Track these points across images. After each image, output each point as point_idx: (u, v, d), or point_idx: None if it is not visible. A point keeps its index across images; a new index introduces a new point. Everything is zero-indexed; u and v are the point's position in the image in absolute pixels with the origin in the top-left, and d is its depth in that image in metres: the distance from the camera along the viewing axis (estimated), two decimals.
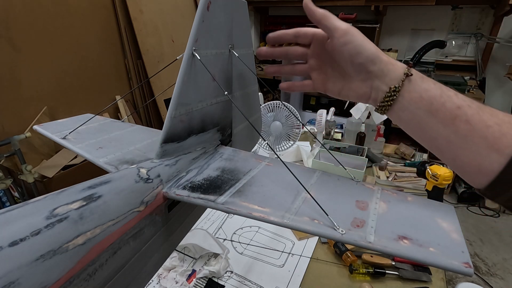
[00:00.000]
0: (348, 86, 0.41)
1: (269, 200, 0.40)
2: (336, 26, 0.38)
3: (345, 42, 0.37)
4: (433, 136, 0.35)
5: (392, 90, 0.36)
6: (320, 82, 0.45)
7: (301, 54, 0.45)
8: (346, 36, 0.37)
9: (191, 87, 0.47)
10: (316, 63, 0.44)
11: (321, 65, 0.44)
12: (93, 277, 0.30)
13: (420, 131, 0.37)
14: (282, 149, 1.37)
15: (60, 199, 0.30)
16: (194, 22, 0.45)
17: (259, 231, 1.00)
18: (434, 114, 0.34)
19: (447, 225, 0.36)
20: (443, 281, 0.81)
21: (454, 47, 2.66)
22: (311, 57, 0.45)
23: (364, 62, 0.37)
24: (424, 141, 0.37)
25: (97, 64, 2.18)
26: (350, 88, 0.41)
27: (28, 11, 1.72)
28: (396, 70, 0.36)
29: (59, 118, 0.67)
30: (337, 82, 0.43)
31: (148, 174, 0.41)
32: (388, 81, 0.36)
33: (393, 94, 0.36)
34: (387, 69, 0.37)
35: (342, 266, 0.86)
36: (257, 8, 3.33)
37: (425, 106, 0.34)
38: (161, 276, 0.82)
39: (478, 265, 2.03)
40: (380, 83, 0.37)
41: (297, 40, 0.44)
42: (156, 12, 2.41)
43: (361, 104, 1.45)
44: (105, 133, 0.61)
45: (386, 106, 0.37)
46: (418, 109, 0.35)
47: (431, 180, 1.01)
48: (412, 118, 0.36)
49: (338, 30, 0.37)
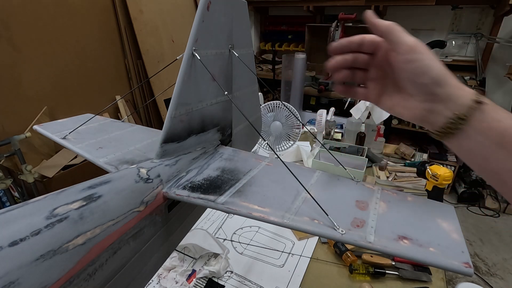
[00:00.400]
0: (403, 104, 0.38)
1: (269, 200, 0.40)
2: (402, 41, 0.35)
3: (410, 60, 0.35)
4: (500, 168, 0.32)
5: (458, 118, 0.33)
6: (375, 93, 0.43)
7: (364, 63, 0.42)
8: (412, 53, 0.35)
9: (191, 87, 0.47)
10: (376, 74, 0.42)
11: (381, 76, 0.42)
12: (93, 277, 0.30)
13: (484, 162, 0.34)
14: (282, 149, 1.37)
15: (60, 199, 0.30)
16: (194, 22, 0.45)
17: (259, 231, 1.00)
18: (505, 146, 0.31)
19: (447, 225, 0.36)
20: (443, 281, 0.81)
21: (454, 47, 2.66)
22: (373, 66, 0.42)
23: (428, 83, 0.34)
24: (486, 172, 0.34)
25: (97, 64, 2.18)
26: (405, 106, 0.38)
27: (28, 11, 1.72)
28: (464, 96, 0.33)
29: (59, 118, 0.67)
30: (393, 97, 0.40)
31: (148, 174, 0.41)
32: (454, 107, 0.33)
33: (459, 122, 0.33)
34: (455, 94, 0.33)
35: (342, 266, 0.86)
36: (257, 8, 3.33)
37: (495, 138, 0.31)
38: (161, 276, 0.82)
39: (478, 265, 2.03)
40: (444, 108, 0.34)
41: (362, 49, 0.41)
42: (156, 12, 2.41)
43: (361, 104, 1.45)
44: (105, 133, 0.61)
45: (448, 133, 0.34)
46: (486, 140, 0.32)
47: (431, 180, 1.01)
48: (476, 148, 0.33)
49: (404, 45, 0.35)
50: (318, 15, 3.10)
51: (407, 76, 0.36)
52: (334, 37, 2.66)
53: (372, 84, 0.43)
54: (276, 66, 3.04)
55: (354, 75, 0.44)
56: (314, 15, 3.09)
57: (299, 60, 2.28)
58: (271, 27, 3.47)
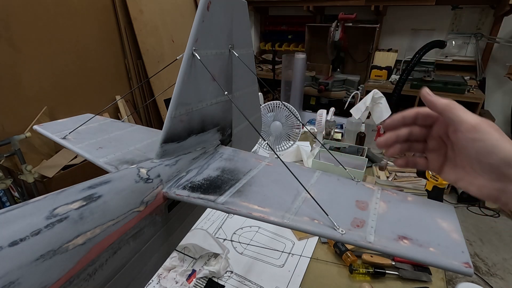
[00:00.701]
0: (469, 180, 0.36)
1: (269, 200, 0.40)
2: (463, 120, 0.33)
3: (474, 139, 0.33)
4: None
5: None
6: (436, 165, 0.41)
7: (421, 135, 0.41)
8: (475, 132, 0.33)
9: (191, 87, 0.47)
10: (436, 145, 0.40)
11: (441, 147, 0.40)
12: (93, 277, 0.30)
13: None
14: (282, 149, 1.37)
15: (60, 199, 0.30)
16: (194, 22, 0.45)
17: (259, 231, 1.00)
18: None
19: (447, 225, 0.36)
20: (443, 281, 0.81)
21: (454, 47, 2.66)
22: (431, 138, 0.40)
23: (497, 164, 0.32)
24: None
25: (97, 64, 2.18)
26: (472, 183, 0.36)
27: (28, 11, 1.72)
28: None
29: (59, 118, 0.67)
30: (457, 170, 0.38)
31: (148, 174, 0.41)
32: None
33: None
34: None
35: (342, 266, 0.86)
36: (257, 8, 3.33)
37: None
38: (161, 276, 0.82)
39: (478, 265, 2.03)
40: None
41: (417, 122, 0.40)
42: (156, 12, 2.41)
43: (361, 104, 1.45)
44: (105, 133, 0.61)
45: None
46: None
47: (431, 180, 1.01)
48: None
49: (466, 124, 0.33)
50: (318, 15, 3.10)
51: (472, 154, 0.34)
52: (334, 37, 2.66)
53: (433, 155, 0.41)
54: (276, 66, 3.04)
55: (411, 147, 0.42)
56: (314, 15, 3.09)
57: (299, 60, 2.28)
58: (271, 27, 3.47)
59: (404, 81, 2.24)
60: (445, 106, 0.35)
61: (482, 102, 2.28)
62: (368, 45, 2.89)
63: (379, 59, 2.73)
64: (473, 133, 0.33)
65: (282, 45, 3.33)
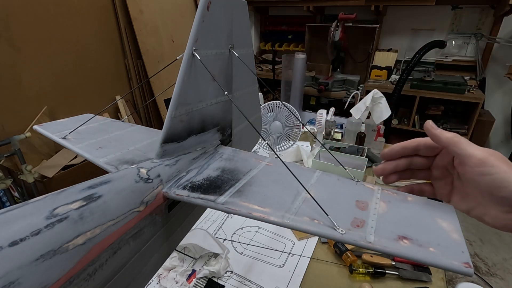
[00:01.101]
0: (482, 210, 0.35)
1: (269, 200, 0.40)
2: (470, 154, 0.33)
3: (482, 173, 0.32)
4: None
5: None
6: (444, 192, 0.40)
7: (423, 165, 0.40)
8: (483, 166, 0.32)
9: (191, 87, 0.47)
10: (440, 174, 0.39)
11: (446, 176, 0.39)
12: (93, 277, 0.30)
13: None
14: (282, 149, 1.37)
15: (60, 199, 0.30)
16: (194, 22, 0.45)
17: (259, 231, 1.00)
18: None
19: (447, 225, 0.36)
20: (443, 281, 0.81)
21: (454, 47, 2.67)
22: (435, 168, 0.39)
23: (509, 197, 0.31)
24: None
25: (97, 64, 2.18)
26: (486, 214, 0.35)
27: (28, 11, 1.72)
28: None
29: (59, 118, 0.67)
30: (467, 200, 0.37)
31: (148, 174, 0.41)
32: None
33: None
34: None
35: (342, 266, 0.86)
36: (257, 8, 3.33)
37: None
38: (161, 276, 0.82)
39: (478, 265, 2.03)
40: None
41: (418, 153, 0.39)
42: (156, 12, 2.41)
43: (361, 104, 1.45)
44: (105, 133, 0.61)
45: None
46: None
47: None
48: None
49: (473, 158, 0.33)
50: (318, 15, 3.10)
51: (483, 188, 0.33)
52: (334, 37, 2.66)
53: (439, 183, 0.40)
54: (276, 66, 3.04)
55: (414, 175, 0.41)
56: (314, 15, 3.10)
57: (299, 60, 2.28)
58: (271, 27, 3.47)
59: (404, 81, 2.24)
60: (450, 140, 0.35)
61: (482, 102, 2.28)
62: (368, 45, 2.89)
63: (379, 59, 2.73)
64: (481, 167, 0.32)
65: (282, 45, 3.33)
